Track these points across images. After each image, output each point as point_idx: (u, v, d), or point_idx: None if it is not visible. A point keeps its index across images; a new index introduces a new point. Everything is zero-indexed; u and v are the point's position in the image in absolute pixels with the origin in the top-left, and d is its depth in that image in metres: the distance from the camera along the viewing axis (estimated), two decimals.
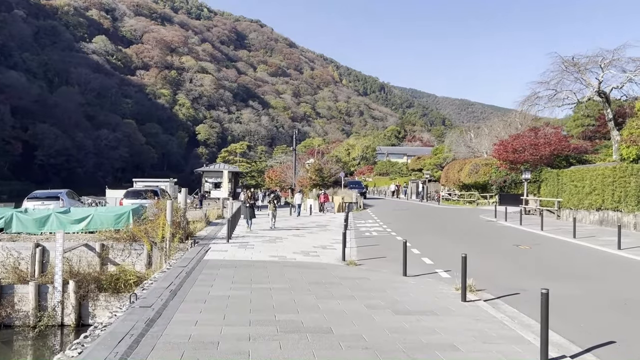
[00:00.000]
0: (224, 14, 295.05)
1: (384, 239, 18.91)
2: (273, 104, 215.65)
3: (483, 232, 21.81)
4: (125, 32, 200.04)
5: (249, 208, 21.28)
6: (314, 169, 50.59)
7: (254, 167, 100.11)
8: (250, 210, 21.24)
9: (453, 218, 29.62)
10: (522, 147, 30.24)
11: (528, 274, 11.79)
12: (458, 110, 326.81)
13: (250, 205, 21.44)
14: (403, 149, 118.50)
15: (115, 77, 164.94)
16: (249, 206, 21.35)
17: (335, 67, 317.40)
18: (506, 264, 13.28)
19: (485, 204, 39.98)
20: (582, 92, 30.47)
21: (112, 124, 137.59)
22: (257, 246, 16.12)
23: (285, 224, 25.20)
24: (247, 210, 21.23)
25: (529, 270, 12.23)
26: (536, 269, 12.39)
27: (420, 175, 62.53)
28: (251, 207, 21.43)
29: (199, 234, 19.97)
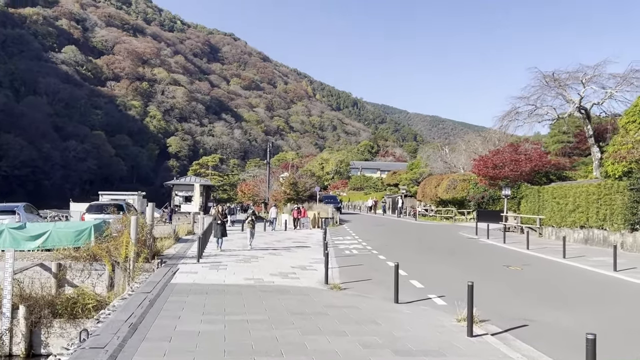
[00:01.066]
0: (198, 27, 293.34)
1: (366, 258, 17.80)
2: (246, 118, 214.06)
3: (467, 250, 20.91)
4: (96, 43, 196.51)
5: (219, 225, 19.45)
6: (289, 182, 49.39)
7: (226, 180, 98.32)
8: (222, 228, 19.44)
9: (433, 235, 28.73)
10: (502, 162, 29.66)
11: (529, 300, 10.80)
12: (429, 127, 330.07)
13: (221, 222, 19.52)
14: (376, 163, 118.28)
15: (85, 88, 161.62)
16: (219, 223, 19.48)
17: (308, 81, 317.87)
18: (501, 287, 12.28)
19: (462, 220, 39.32)
20: (562, 108, 30.17)
21: (81, 135, 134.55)
22: (230, 267, 14.83)
23: (261, 240, 23.92)
24: (218, 228, 19.47)
25: (529, 296, 11.25)
26: (536, 294, 11.41)
27: (396, 190, 61.83)
28: (222, 224, 19.54)
29: (167, 252, 18.56)
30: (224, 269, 14.24)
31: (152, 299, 9.59)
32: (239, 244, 22.23)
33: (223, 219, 19.76)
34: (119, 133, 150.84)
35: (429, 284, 12.49)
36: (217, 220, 19.67)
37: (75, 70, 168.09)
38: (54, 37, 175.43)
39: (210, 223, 22.66)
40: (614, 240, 21.24)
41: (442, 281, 13.12)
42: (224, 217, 20.17)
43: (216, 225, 19.64)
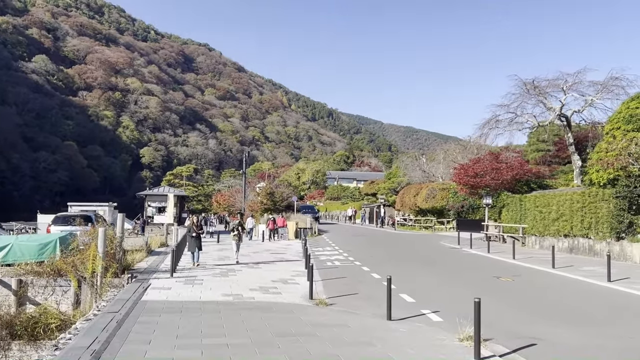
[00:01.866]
0: (172, 37, 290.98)
1: (349, 270, 17.00)
2: (221, 128, 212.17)
3: (453, 261, 20.27)
4: (67, 52, 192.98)
5: (194, 238, 17.76)
6: (266, 192, 48.41)
7: (201, 191, 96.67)
8: (197, 241, 17.78)
9: (415, 245, 28.09)
10: (483, 171, 29.26)
11: (529, 315, 10.12)
12: (403, 137, 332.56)
13: (196, 235, 17.82)
14: (352, 173, 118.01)
15: (56, 98, 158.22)
16: (194, 236, 17.79)
17: (284, 92, 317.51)
18: (497, 301, 11.58)
19: (442, 230, 38.87)
20: (542, 116, 30.00)
21: (52, 146, 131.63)
22: (206, 281, 13.86)
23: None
24: (193, 241, 17.79)
25: (527, 310, 10.57)
26: (534, 308, 10.74)
27: (374, 199, 61.30)
28: (197, 237, 17.84)
29: (139, 265, 17.50)
30: (199, 284, 13.27)
31: (119, 320, 8.62)
32: (214, 257, 21.23)
33: (198, 231, 18.07)
34: (91, 144, 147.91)
35: (420, 297, 11.73)
36: (191, 233, 17.97)
37: (46, 80, 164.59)
38: (24, 46, 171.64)
39: (184, 235, 21.27)
40: (599, 249, 20.88)
41: (434, 294, 12.40)
42: (200, 228, 18.40)
43: (191, 238, 17.97)
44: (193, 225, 18.10)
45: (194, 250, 17.73)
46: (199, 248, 17.97)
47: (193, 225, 18.08)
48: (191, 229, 18.08)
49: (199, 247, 17.96)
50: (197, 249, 17.82)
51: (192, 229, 18.03)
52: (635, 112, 19.98)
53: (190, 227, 18.20)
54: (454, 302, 11.25)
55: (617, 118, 20.97)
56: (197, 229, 18.01)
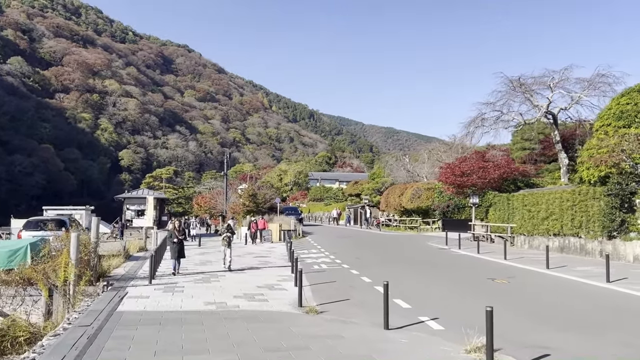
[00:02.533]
0: (150, 38, 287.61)
1: (337, 274, 16.30)
2: (201, 129, 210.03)
3: (443, 262, 19.69)
4: (43, 54, 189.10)
5: (176, 244, 16.01)
6: (248, 194, 47.51)
7: (182, 193, 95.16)
8: (179, 248, 16.03)
9: (402, 246, 27.49)
10: (470, 170, 28.77)
11: (534, 321, 9.52)
12: (384, 138, 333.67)
13: (178, 240, 16.10)
14: (335, 174, 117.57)
15: (32, 100, 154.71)
16: (176, 242, 16.04)
17: (264, 93, 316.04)
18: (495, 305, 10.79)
19: (428, 230, 38.42)
20: (528, 114, 29.66)
21: (28, 149, 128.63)
22: (187, 288, 13.05)
23: (219, 256, 22.12)
24: (175, 248, 16.01)
25: (531, 315, 9.97)
26: (538, 313, 10.15)
27: (358, 200, 60.74)
28: (179, 243, 16.13)
29: (116, 272, 16.60)
30: (180, 292, 12.46)
31: (91, 335, 7.80)
32: (196, 261, 20.38)
33: (180, 237, 16.35)
34: (69, 146, 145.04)
35: (416, 303, 11.08)
36: (172, 238, 16.20)
37: (22, 82, 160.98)
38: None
39: (164, 239, 19.80)
40: (591, 249, 20.51)
41: (429, 299, 11.75)
42: (182, 233, 16.58)
43: (172, 244, 16.19)
44: (175, 230, 16.41)
45: (175, 257, 16.07)
46: (181, 255, 16.31)
47: (175, 230, 16.39)
48: (172, 234, 16.38)
49: (181, 254, 16.29)
50: (179, 256, 16.19)
51: (173, 234, 16.34)
52: (626, 108, 19.64)
53: (172, 232, 16.48)
54: (452, 308, 10.63)
55: (607, 114, 20.62)
56: (179, 234, 16.34)
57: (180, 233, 16.48)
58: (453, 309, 10.44)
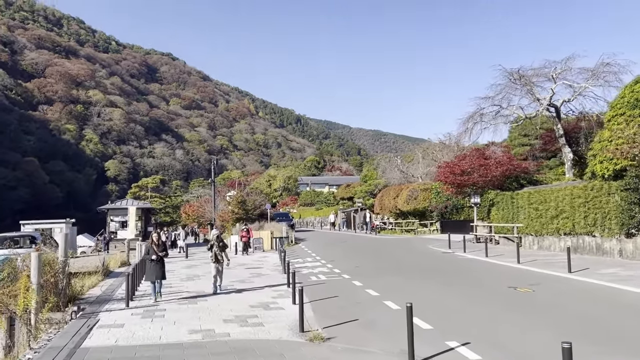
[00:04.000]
0: (134, 47, 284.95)
1: (339, 286, 14.68)
2: (188, 138, 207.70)
3: (451, 268, 18.14)
4: (25, 66, 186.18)
5: (156, 263, 13.10)
6: (237, 201, 45.72)
7: (169, 202, 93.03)
8: (158, 267, 13.13)
9: (402, 251, 25.91)
10: (470, 168, 27.28)
11: (590, 343, 7.88)
12: (372, 141, 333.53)
13: (157, 258, 13.16)
14: (324, 178, 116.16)
15: (15, 113, 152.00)
16: (155, 260, 13.11)
17: (250, 99, 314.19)
18: (532, 322, 9.40)
19: (425, 233, 36.91)
20: (529, 108, 28.25)
21: (12, 162, 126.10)
22: (169, 311, 11.36)
23: (206, 269, 20.45)
24: (153, 267, 13.07)
25: (582, 336, 8.28)
26: (589, 333, 8.47)
27: (350, 203, 59.15)
28: (160, 261, 13.23)
29: (91, 292, 14.86)
30: (160, 317, 10.76)
31: None
32: (182, 275, 18.67)
33: (160, 253, 13.32)
34: (53, 159, 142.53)
35: (437, 322, 9.49)
36: (150, 255, 13.25)
37: (4, 95, 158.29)
38: None
39: (142, 259, 16.61)
40: (609, 248, 19.06)
41: (451, 316, 10.15)
42: (163, 249, 13.48)
43: (150, 262, 13.18)
44: (153, 245, 13.30)
45: (154, 279, 13.06)
46: (162, 277, 13.33)
47: (153, 245, 13.28)
48: (150, 249, 13.32)
49: (162, 275, 13.32)
50: (160, 277, 13.22)
51: (151, 250, 13.27)
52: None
53: (150, 247, 13.40)
54: (481, 327, 9.05)
55: (620, 103, 19.20)
56: (158, 250, 13.26)
57: (160, 248, 13.36)
58: (483, 329, 8.88)
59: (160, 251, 13.39)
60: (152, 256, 13.25)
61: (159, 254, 13.30)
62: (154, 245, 13.38)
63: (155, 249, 13.31)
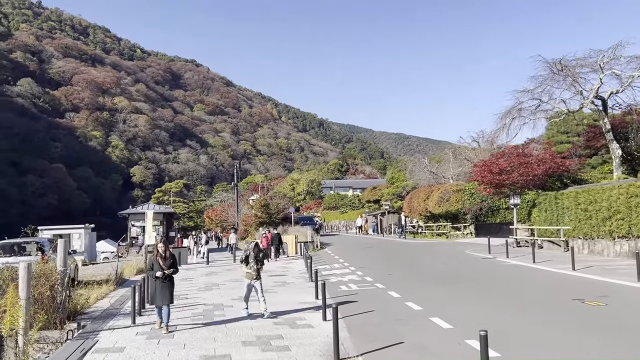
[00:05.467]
0: (158, 55, 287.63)
1: (373, 298, 12.99)
2: (212, 143, 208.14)
3: (498, 277, 16.29)
4: (53, 74, 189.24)
5: (162, 283, 9.99)
6: (260, 204, 44.45)
7: (193, 207, 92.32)
8: (166, 287, 10.03)
9: (438, 256, 24.06)
10: (510, 166, 25.33)
11: None
12: (395, 144, 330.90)
13: (164, 276, 9.97)
14: (348, 181, 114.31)
15: (43, 121, 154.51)
16: (162, 279, 9.98)
17: (273, 104, 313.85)
18: (622, 346, 7.62)
19: (458, 237, 34.92)
20: (573, 101, 26.19)
21: (39, 169, 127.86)
22: (180, 331, 9.82)
23: (226, 277, 18.97)
24: (159, 289, 9.98)
25: None
26: None
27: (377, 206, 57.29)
28: (167, 280, 10.07)
29: (98, 304, 13.45)
30: (169, 337, 9.23)
31: None
32: (199, 284, 17.14)
33: (167, 269, 10.03)
34: (80, 165, 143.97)
35: (503, 346, 7.70)
36: (155, 272, 9.99)
37: (32, 103, 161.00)
38: (9, 70, 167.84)
39: (144, 276, 13.00)
40: None
41: (518, 339, 8.34)
42: (172, 263, 10.20)
43: (154, 281, 10.05)
44: (158, 257, 10.08)
45: (160, 304, 9.98)
46: (170, 300, 10.09)
47: (158, 258, 10.07)
48: (154, 263, 10.08)
49: (170, 298, 10.08)
50: (167, 301, 9.98)
51: (155, 265, 10.04)
52: None
53: (154, 261, 10.15)
54: (563, 354, 7.29)
55: None
56: (165, 264, 10.02)
57: (167, 262, 10.09)
58: (558, 353, 7.12)
59: (168, 266, 10.09)
60: (156, 272, 9.98)
61: (165, 270, 10.00)
62: (159, 258, 10.08)
63: (162, 262, 10.02)
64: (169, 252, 10.35)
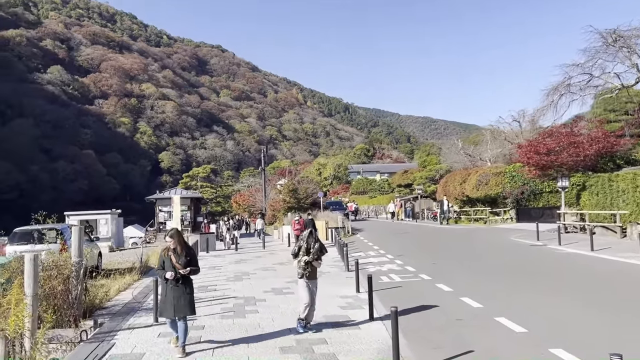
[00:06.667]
0: (184, 41, 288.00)
1: (422, 293, 11.60)
2: (238, 128, 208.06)
3: (558, 267, 14.71)
4: (81, 62, 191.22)
5: (175, 287, 7.30)
6: (288, 189, 43.25)
7: (220, 192, 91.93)
8: (180, 293, 7.32)
9: (480, 243, 22.48)
10: (558, 146, 23.52)
11: None
12: (421, 128, 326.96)
13: (175, 277, 7.29)
14: (375, 166, 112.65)
15: (73, 107, 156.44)
16: (174, 282, 7.30)
17: (299, 89, 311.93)
18: None
19: (497, 222, 33.16)
20: (627, 75, 24.14)
21: (70, 155, 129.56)
22: (207, 329, 8.61)
23: (255, 265, 17.80)
24: (172, 294, 7.32)
25: None
26: None
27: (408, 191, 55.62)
28: (184, 282, 7.38)
29: (120, 297, 12.35)
30: (196, 337, 8.03)
31: None
32: (228, 273, 15.96)
33: (183, 269, 7.25)
34: (110, 151, 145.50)
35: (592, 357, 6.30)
36: (165, 271, 7.31)
37: (62, 90, 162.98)
38: (39, 58, 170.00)
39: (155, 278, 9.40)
40: None
41: (608, 348, 6.94)
42: (188, 261, 7.36)
43: (165, 282, 7.36)
44: (170, 253, 7.36)
45: (172, 316, 7.33)
46: (191, 310, 7.44)
47: (171, 254, 7.34)
48: (165, 261, 7.38)
49: (189, 308, 7.40)
50: (186, 311, 7.37)
51: (166, 262, 7.36)
52: None
53: (164, 257, 7.42)
54: None
55: None
56: (180, 262, 7.27)
57: (182, 259, 7.27)
58: None
59: (184, 264, 7.22)
60: (166, 273, 7.20)
61: (180, 270, 7.17)
62: (171, 253, 7.29)
63: (174, 260, 7.21)
64: (186, 246, 7.47)
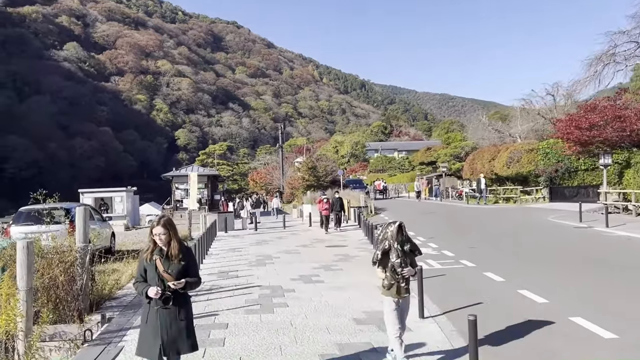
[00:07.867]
0: (200, 17, 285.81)
1: (469, 282, 10.29)
2: (254, 106, 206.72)
3: (616, 252, 13.29)
4: (97, 38, 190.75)
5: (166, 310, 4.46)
6: (307, 167, 42.03)
7: (236, 170, 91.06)
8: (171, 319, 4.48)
9: (516, 224, 21.02)
10: (602, 120, 21.86)
11: None
12: (439, 105, 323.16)
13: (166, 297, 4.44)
14: (393, 144, 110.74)
15: (89, 84, 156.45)
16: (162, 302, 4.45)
17: (314, 66, 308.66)
18: None
19: (529, 201, 31.58)
20: None
21: (87, 132, 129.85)
22: (230, 331, 7.39)
23: (278, 247, 16.58)
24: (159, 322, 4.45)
25: None
26: None
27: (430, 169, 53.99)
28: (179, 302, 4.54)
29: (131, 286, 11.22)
30: (215, 344, 6.80)
31: None
32: (249, 255, 14.72)
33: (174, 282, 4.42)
34: (126, 128, 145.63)
35: None
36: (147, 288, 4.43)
37: (78, 67, 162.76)
38: (55, 35, 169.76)
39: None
40: None
41: None
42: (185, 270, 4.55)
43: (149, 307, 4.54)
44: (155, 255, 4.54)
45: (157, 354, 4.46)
46: (182, 347, 4.57)
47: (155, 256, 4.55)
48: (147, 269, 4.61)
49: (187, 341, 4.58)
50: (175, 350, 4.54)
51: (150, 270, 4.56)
52: None
53: (145, 265, 4.59)
54: None
55: None
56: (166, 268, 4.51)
57: (170, 263, 4.54)
58: None
59: (178, 274, 4.53)
60: (149, 289, 4.45)
61: (170, 282, 4.46)
62: (156, 257, 4.56)
63: (160, 267, 4.53)
64: (182, 245, 4.66)
